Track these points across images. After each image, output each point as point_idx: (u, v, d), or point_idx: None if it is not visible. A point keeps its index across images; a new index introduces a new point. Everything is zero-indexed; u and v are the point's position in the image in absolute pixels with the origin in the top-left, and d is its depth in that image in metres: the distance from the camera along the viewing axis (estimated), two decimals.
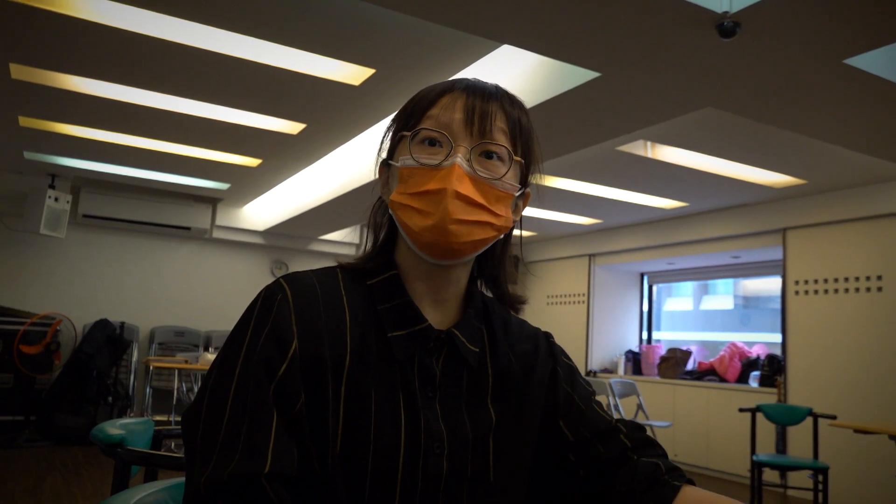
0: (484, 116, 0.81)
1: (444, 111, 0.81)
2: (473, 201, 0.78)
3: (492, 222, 0.80)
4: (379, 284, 0.83)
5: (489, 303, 0.92)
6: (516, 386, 0.87)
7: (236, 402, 0.71)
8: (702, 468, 6.37)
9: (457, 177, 0.77)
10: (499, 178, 0.81)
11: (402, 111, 0.86)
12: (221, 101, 4.09)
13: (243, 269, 7.78)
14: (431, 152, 0.80)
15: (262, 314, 0.75)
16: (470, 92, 0.82)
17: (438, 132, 0.80)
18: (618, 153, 4.67)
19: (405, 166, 0.80)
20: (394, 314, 0.81)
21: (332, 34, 3.13)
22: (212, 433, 0.71)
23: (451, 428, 0.80)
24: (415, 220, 0.78)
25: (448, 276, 0.85)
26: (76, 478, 4.84)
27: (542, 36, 2.71)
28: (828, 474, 4.20)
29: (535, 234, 8.09)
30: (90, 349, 6.36)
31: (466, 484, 0.79)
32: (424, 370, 0.80)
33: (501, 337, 0.89)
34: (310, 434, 0.73)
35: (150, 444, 1.82)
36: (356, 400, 0.75)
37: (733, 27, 2.43)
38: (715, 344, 7.43)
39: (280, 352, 0.73)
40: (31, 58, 3.58)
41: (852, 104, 3.23)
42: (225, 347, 0.76)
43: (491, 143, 0.81)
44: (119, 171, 6.13)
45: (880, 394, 5.02)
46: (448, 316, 0.86)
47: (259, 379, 0.71)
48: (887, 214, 5.15)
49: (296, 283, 0.78)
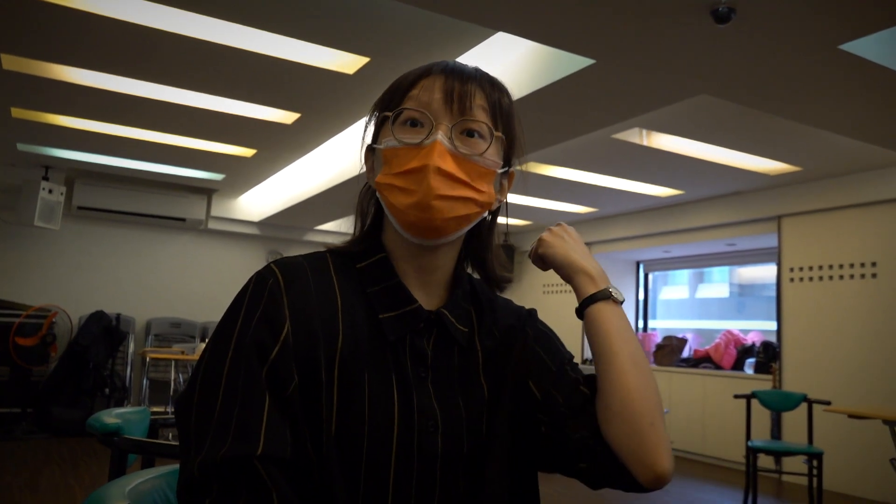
0: (463, 95, 0.82)
1: (424, 91, 0.82)
2: (456, 177, 0.79)
3: (475, 198, 0.81)
4: (368, 267, 0.84)
5: (476, 284, 0.94)
6: (503, 360, 0.88)
7: (229, 386, 0.71)
8: (698, 454, 6.41)
9: (438, 153, 0.78)
10: (480, 154, 0.81)
11: (384, 96, 0.87)
12: (215, 91, 4.07)
13: (239, 260, 7.77)
14: (413, 132, 0.81)
15: (254, 299, 0.76)
16: (448, 73, 0.83)
17: (419, 111, 0.81)
18: (613, 141, 4.66)
19: (388, 147, 0.81)
20: (384, 296, 0.82)
21: (327, 23, 3.11)
22: (205, 416, 0.71)
23: (444, 407, 0.80)
24: (399, 199, 0.79)
25: (435, 257, 0.86)
26: (73, 470, 4.84)
27: (537, 23, 2.71)
28: (822, 459, 4.23)
29: (531, 223, 8.09)
30: (86, 341, 6.36)
31: (462, 461, 0.80)
32: (416, 351, 0.81)
33: (489, 316, 0.90)
34: (303, 417, 0.73)
35: (147, 434, 1.82)
36: (349, 382, 0.76)
37: (728, 13, 2.42)
38: (710, 331, 7.46)
39: (272, 335, 0.73)
40: (23, 48, 3.55)
41: (848, 91, 3.22)
42: (216, 332, 0.76)
43: (471, 119, 0.82)
44: (113, 163, 6.11)
45: (874, 379, 5.05)
46: (436, 297, 0.87)
47: (251, 362, 0.72)
48: (882, 201, 5.16)
49: (286, 268, 0.79)
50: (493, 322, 0.91)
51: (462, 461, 0.80)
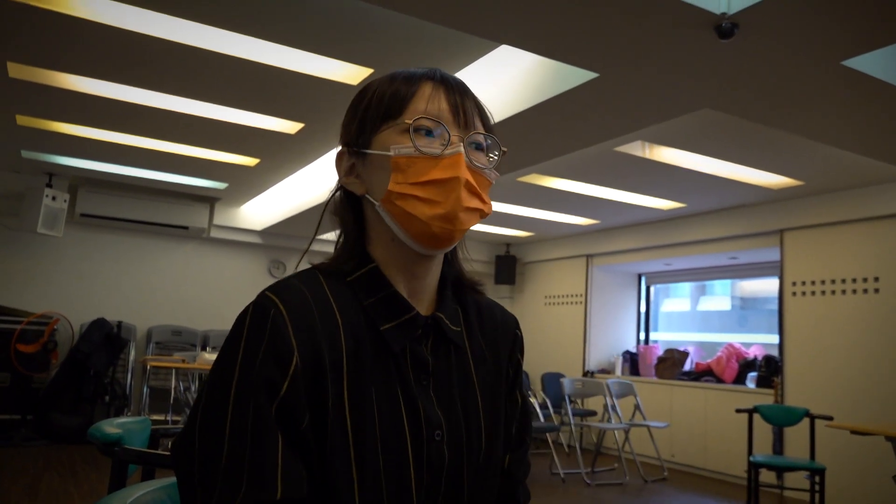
0: (467, 109, 0.83)
1: (431, 102, 0.81)
2: (475, 190, 0.80)
3: (482, 209, 0.82)
4: (359, 280, 0.82)
5: (455, 283, 0.93)
6: (489, 362, 0.89)
7: (235, 426, 0.68)
8: (699, 469, 6.37)
9: (464, 166, 0.79)
10: (491, 168, 0.83)
11: (377, 101, 0.84)
12: (219, 100, 4.08)
13: (241, 269, 7.77)
14: (427, 142, 0.80)
15: (255, 331, 0.72)
16: (447, 85, 0.84)
17: (434, 121, 0.80)
18: (616, 154, 4.67)
19: (403, 155, 0.79)
20: (381, 307, 0.81)
21: (331, 34, 3.13)
22: (211, 460, 0.67)
23: (446, 413, 0.81)
24: (421, 210, 0.78)
25: (430, 265, 0.85)
26: (73, 477, 4.83)
27: (541, 36, 2.72)
28: (824, 475, 4.21)
29: (533, 235, 8.09)
30: (87, 348, 6.35)
31: (465, 467, 0.80)
32: (417, 358, 0.81)
33: (474, 318, 0.91)
34: (317, 449, 0.71)
35: (148, 444, 1.82)
36: (359, 402, 0.74)
37: (731, 28, 2.43)
38: (712, 345, 7.44)
39: (281, 370, 0.70)
40: (28, 56, 3.57)
41: (850, 106, 3.23)
42: (215, 370, 0.72)
43: (483, 133, 0.83)
44: (117, 171, 6.12)
45: (877, 395, 5.03)
46: (427, 302, 0.86)
47: (260, 400, 0.68)
48: (884, 216, 5.16)
49: (286, 294, 0.75)
50: (480, 319, 0.92)
51: (465, 466, 0.80)
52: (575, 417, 6.69)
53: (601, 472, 6.25)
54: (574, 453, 6.60)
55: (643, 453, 6.61)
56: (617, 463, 6.38)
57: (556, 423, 6.76)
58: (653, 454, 6.47)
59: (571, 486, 5.63)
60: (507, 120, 3.56)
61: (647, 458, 6.63)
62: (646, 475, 6.09)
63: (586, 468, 6.08)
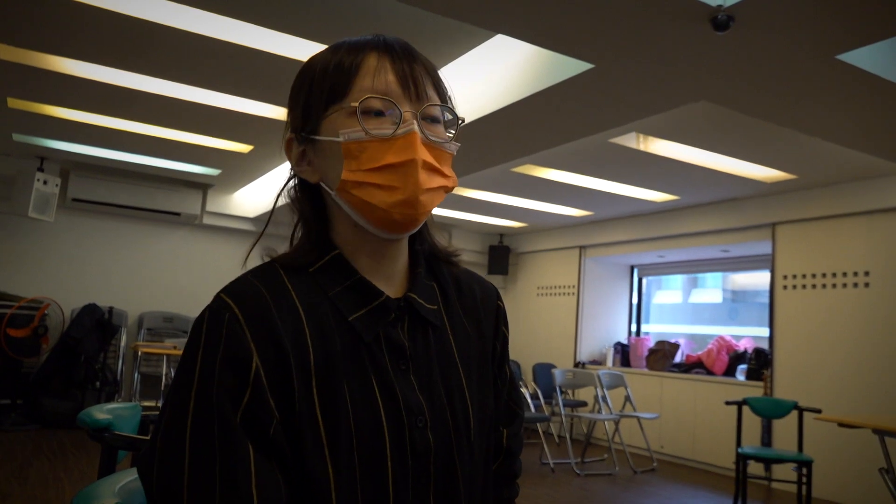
0: (416, 78, 0.76)
1: (377, 77, 0.75)
2: (434, 167, 0.76)
3: (446, 185, 0.78)
4: (322, 270, 0.78)
5: (430, 258, 0.88)
6: (472, 338, 0.86)
7: (198, 440, 0.65)
8: (688, 460, 6.42)
9: (419, 145, 0.74)
10: (448, 141, 0.78)
11: (318, 83, 0.77)
12: (213, 86, 4.06)
13: (233, 256, 7.73)
14: (377, 123, 0.74)
15: (211, 338, 0.68)
16: (392, 54, 0.77)
17: (383, 99, 0.74)
18: (610, 145, 4.67)
19: (353, 140, 0.74)
20: (348, 296, 0.76)
21: (326, 20, 3.11)
22: (175, 475, 0.64)
23: (428, 397, 0.77)
24: (380, 197, 0.73)
25: (398, 247, 0.82)
26: (63, 462, 4.83)
27: (536, 26, 2.71)
28: (812, 467, 4.25)
29: (526, 225, 8.10)
30: (78, 334, 6.33)
31: (455, 449, 0.77)
32: (392, 344, 0.77)
33: (452, 293, 0.87)
34: (290, 449, 0.68)
35: (138, 429, 1.82)
36: (330, 397, 0.71)
37: (727, 20, 2.43)
38: (703, 337, 7.48)
39: (240, 377, 0.67)
40: (19, 39, 3.53)
41: (844, 100, 3.24)
42: (175, 381, 0.69)
43: (433, 105, 0.77)
44: (109, 156, 6.08)
45: (865, 388, 5.07)
46: (398, 283, 0.82)
47: (223, 412, 0.65)
48: (876, 210, 5.19)
49: (240, 295, 0.71)
50: (459, 293, 0.88)
51: (454, 449, 0.77)
52: (566, 408, 6.72)
53: (591, 462, 6.29)
54: (564, 443, 6.64)
55: (633, 444, 6.66)
56: (607, 453, 6.42)
57: (546, 413, 6.79)
58: (642, 445, 6.52)
59: (561, 476, 5.66)
60: (502, 110, 3.55)
61: (637, 448, 6.68)
62: (635, 466, 6.14)
63: (576, 458, 6.12)
